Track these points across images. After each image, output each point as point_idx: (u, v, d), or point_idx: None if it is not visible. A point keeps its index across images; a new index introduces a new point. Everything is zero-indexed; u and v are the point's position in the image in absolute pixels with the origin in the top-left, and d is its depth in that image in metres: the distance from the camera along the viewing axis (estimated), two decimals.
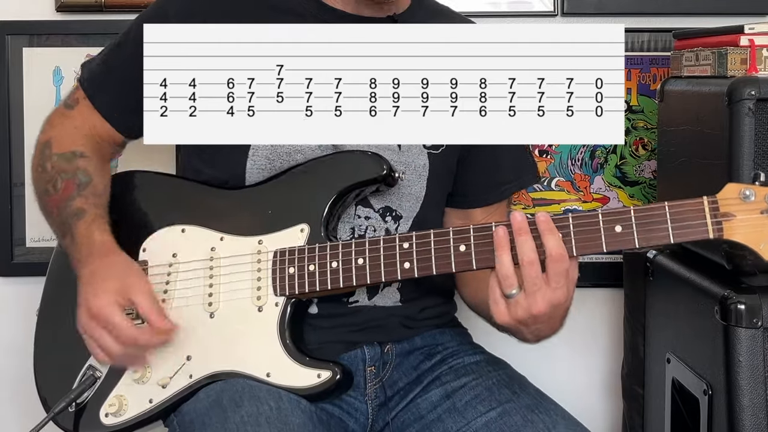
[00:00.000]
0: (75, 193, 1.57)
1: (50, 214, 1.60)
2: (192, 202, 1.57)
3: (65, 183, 1.58)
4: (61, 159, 1.61)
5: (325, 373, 1.44)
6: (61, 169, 1.60)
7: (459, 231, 1.40)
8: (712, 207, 1.32)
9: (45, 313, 1.63)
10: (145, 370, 1.50)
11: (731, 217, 1.31)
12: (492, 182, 1.67)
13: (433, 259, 1.41)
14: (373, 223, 1.56)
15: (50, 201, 1.59)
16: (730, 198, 1.31)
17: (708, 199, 1.32)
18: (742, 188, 1.31)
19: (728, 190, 1.32)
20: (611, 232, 1.34)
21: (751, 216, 1.30)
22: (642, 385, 1.93)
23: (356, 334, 1.56)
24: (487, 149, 1.62)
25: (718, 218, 1.31)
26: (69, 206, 1.56)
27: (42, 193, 1.62)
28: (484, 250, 1.38)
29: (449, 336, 1.65)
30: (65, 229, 1.55)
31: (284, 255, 1.48)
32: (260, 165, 1.54)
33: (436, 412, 1.52)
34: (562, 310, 1.38)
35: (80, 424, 1.52)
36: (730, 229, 1.31)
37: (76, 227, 1.53)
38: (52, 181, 1.60)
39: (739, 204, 1.31)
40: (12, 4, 2.08)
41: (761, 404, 1.48)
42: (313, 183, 1.51)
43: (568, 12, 2.07)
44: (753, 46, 1.62)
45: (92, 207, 1.56)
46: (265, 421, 1.34)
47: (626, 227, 1.34)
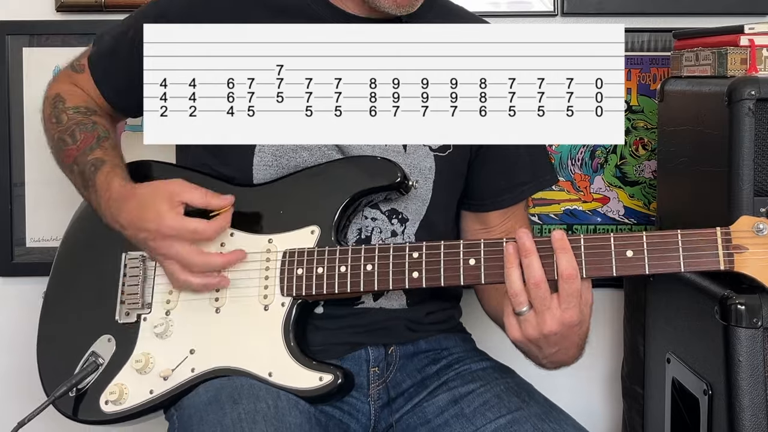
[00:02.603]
0: (95, 144, 1.58)
1: (67, 165, 1.60)
2: None
3: (84, 135, 1.59)
4: (77, 112, 1.63)
5: (327, 376, 1.44)
6: (78, 121, 1.61)
7: (469, 244, 1.40)
8: (725, 238, 1.32)
9: (52, 296, 1.63)
10: (147, 360, 1.50)
11: (743, 250, 1.32)
12: (509, 184, 1.65)
13: (442, 271, 1.41)
14: (379, 225, 1.56)
15: (67, 151, 1.59)
16: (744, 230, 1.32)
17: (721, 230, 1.32)
18: (756, 222, 1.32)
19: (742, 223, 1.33)
20: (622, 257, 1.34)
21: (764, 250, 1.31)
22: (642, 385, 1.93)
23: (361, 335, 1.56)
24: (502, 150, 1.61)
25: (730, 250, 1.32)
26: (88, 157, 1.56)
27: (58, 144, 1.62)
28: (494, 265, 1.38)
29: (454, 341, 1.64)
30: (86, 180, 1.56)
31: (293, 255, 1.48)
32: (267, 161, 1.54)
33: (443, 417, 1.51)
34: (577, 334, 1.37)
35: (80, 410, 1.53)
36: (741, 261, 1.31)
37: (97, 177, 1.54)
38: (68, 131, 1.60)
39: (752, 237, 1.32)
40: (12, 4, 2.08)
41: (761, 404, 1.48)
42: (327, 185, 1.51)
43: (568, 12, 2.07)
44: (753, 46, 1.62)
45: (111, 157, 1.57)
46: (262, 419, 1.34)
47: (637, 252, 1.34)
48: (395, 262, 1.43)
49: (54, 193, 2.05)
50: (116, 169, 1.55)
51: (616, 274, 1.35)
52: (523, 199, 1.69)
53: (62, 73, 1.72)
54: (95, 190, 1.54)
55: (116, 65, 1.65)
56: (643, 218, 2.11)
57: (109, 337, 1.54)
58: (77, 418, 1.54)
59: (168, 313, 1.53)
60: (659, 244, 1.33)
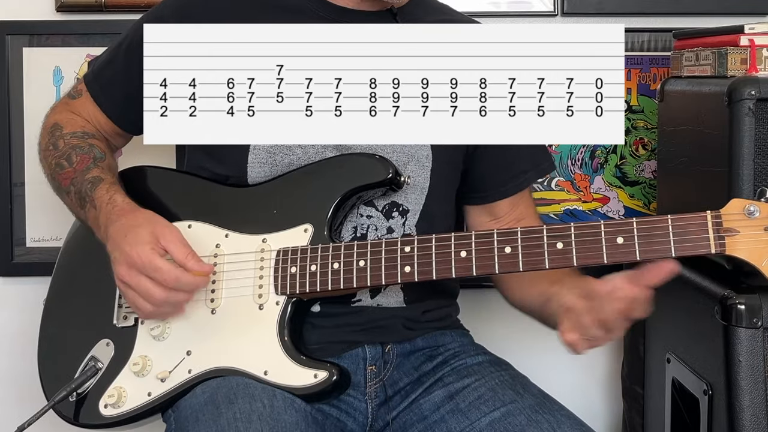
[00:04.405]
0: (91, 164, 1.58)
1: (64, 188, 1.60)
2: (199, 198, 1.58)
3: (80, 156, 1.59)
4: (74, 136, 1.63)
5: (322, 373, 1.44)
6: (74, 144, 1.61)
7: (461, 237, 1.41)
8: (716, 222, 1.31)
9: (52, 303, 1.63)
10: (145, 363, 1.50)
11: (734, 233, 1.30)
12: (510, 173, 1.66)
13: (433, 264, 1.41)
14: (375, 222, 1.56)
15: (64, 174, 1.60)
16: (734, 213, 1.30)
17: (711, 214, 1.31)
18: (747, 204, 1.30)
19: (732, 206, 1.31)
20: (613, 244, 1.33)
21: (755, 232, 1.29)
22: (642, 385, 1.93)
23: (358, 333, 1.56)
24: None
25: (721, 233, 1.30)
26: (85, 176, 1.56)
27: (54, 169, 1.62)
28: (485, 256, 1.39)
29: (450, 337, 1.64)
30: (83, 198, 1.56)
31: (287, 254, 1.48)
32: (261, 159, 1.55)
33: (439, 413, 1.51)
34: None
35: (80, 414, 1.53)
36: (732, 244, 1.30)
37: (95, 193, 1.54)
38: (65, 156, 1.61)
39: (743, 220, 1.30)
40: (12, 4, 2.08)
41: (761, 404, 1.48)
42: (319, 184, 1.51)
43: (568, 12, 2.07)
44: (753, 46, 1.62)
45: (109, 176, 1.57)
46: (257, 419, 1.34)
47: (628, 239, 1.33)
48: (387, 257, 1.43)
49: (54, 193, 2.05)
50: (115, 186, 1.55)
51: (608, 262, 1.34)
52: (526, 186, 1.69)
53: (59, 103, 1.72)
54: (93, 204, 1.54)
55: (114, 77, 1.65)
56: None
57: (107, 341, 1.55)
58: (77, 422, 1.54)
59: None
60: (649, 230, 1.33)
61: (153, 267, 1.42)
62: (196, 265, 1.44)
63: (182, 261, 1.44)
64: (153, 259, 1.42)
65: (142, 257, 1.42)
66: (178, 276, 1.43)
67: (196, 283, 1.45)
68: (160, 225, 1.47)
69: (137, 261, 1.43)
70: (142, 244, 1.43)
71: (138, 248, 1.43)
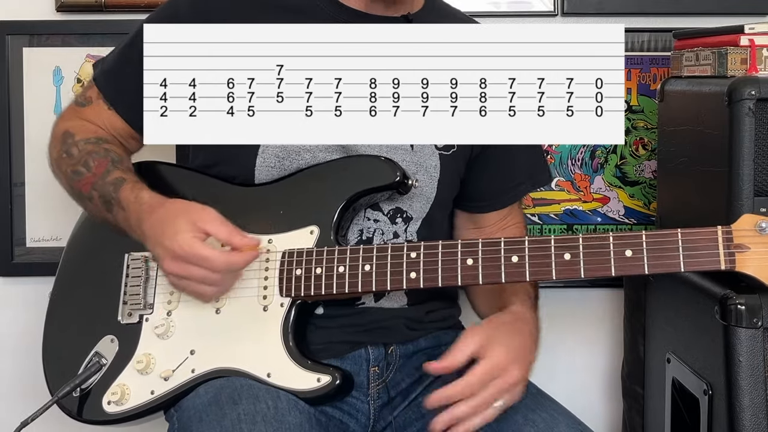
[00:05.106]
0: (110, 167, 1.55)
1: (86, 195, 1.57)
2: (206, 197, 1.56)
3: (97, 161, 1.56)
4: (88, 143, 1.59)
5: (325, 377, 1.44)
6: (90, 150, 1.58)
7: (467, 244, 1.40)
8: (726, 237, 1.30)
9: (57, 298, 1.63)
10: (149, 361, 1.50)
11: (745, 249, 1.29)
12: (506, 185, 1.67)
13: (439, 271, 1.41)
14: (381, 226, 1.56)
15: (83, 181, 1.56)
16: (745, 229, 1.30)
17: (723, 229, 1.31)
18: (758, 220, 1.30)
19: (744, 221, 1.31)
20: (621, 256, 1.33)
21: (766, 249, 1.29)
22: (642, 385, 1.93)
23: (361, 334, 1.56)
24: (502, 152, 1.62)
25: (731, 249, 1.30)
26: (106, 179, 1.54)
27: (72, 177, 1.58)
28: (492, 265, 1.38)
29: (451, 337, 1.63)
30: (108, 202, 1.53)
31: (292, 256, 1.48)
32: (270, 163, 1.54)
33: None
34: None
35: (83, 410, 1.53)
36: (742, 261, 1.30)
37: (121, 194, 1.51)
38: (81, 162, 1.57)
39: (754, 236, 1.29)
40: (12, 4, 2.08)
41: (761, 404, 1.48)
42: (326, 186, 1.51)
43: (568, 12, 2.07)
44: (753, 46, 1.62)
45: (130, 175, 1.54)
46: (262, 420, 1.34)
47: (637, 252, 1.33)
48: (393, 263, 1.43)
49: (54, 193, 2.04)
50: (139, 184, 1.53)
51: (615, 274, 1.34)
52: (518, 199, 1.70)
53: (67, 111, 1.68)
54: (121, 206, 1.51)
55: (129, 79, 1.59)
56: (643, 218, 2.11)
57: (112, 338, 1.55)
58: (81, 417, 1.54)
59: (169, 313, 1.53)
60: (659, 244, 1.32)
61: (200, 257, 1.40)
62: (242, 240, 1.42)
63: (228, 240, 1.42)
64: (198, 248, 1.40)
65: (185, 248, 1.40)
66: (228, 260, 1.41)
67: (247, 260, 1.43)
68: (194, 210, 1.45)
69: (181, 252, 1.40)
70: (182, 233, 1.40)
71: (179, 239, 1.40)
